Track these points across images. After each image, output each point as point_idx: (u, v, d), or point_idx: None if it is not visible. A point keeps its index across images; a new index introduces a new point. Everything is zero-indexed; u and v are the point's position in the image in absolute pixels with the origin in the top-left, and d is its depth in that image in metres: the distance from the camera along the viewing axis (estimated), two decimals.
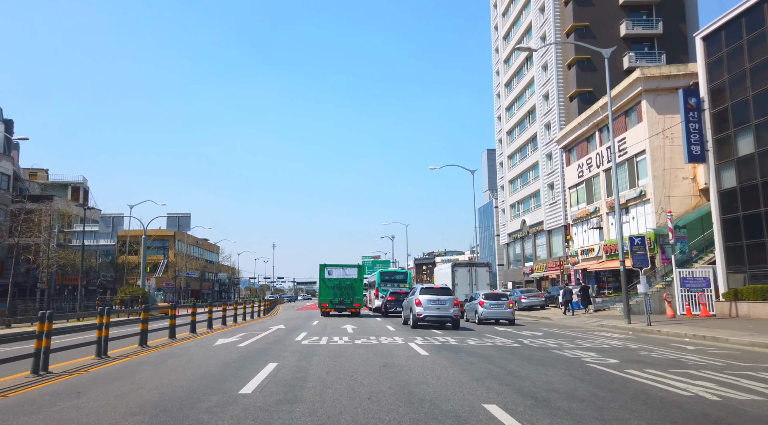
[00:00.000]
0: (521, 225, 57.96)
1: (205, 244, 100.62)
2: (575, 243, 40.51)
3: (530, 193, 55.78)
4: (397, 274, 38.57)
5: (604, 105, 34.61)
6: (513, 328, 22.20)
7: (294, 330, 20.11)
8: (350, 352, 12.27)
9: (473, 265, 30.90)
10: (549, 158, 51.11)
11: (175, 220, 37.98)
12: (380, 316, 33.57)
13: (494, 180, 74.36)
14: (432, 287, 22.07)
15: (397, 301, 31.20)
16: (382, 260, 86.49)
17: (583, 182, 38.93)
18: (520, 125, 59.02)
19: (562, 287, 34.89)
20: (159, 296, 78.95)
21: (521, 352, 12.74)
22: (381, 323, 25.29)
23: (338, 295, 31.74)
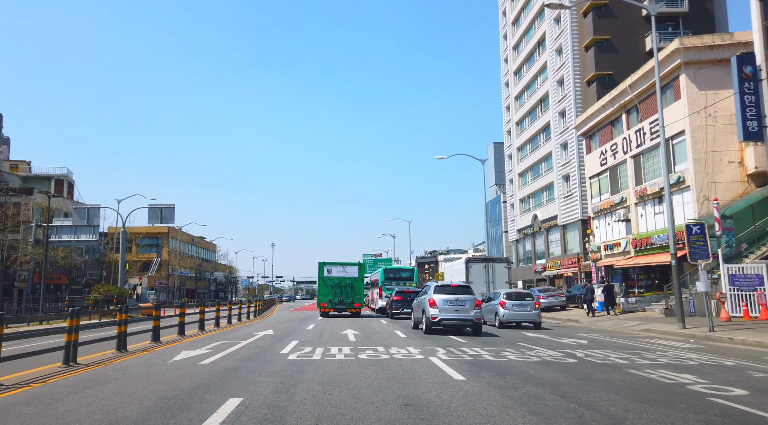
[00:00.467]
0: (532, 220, 54.37)
1: (201, 242, 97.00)
2: (597, 238, 36.93)
3: (542, 186, 52.18)
4: (402, 271, 34.99)
5: (634, 83, 31.04)
6: (544, 333, 18.60)
7: (284, 336, 16.51)
8: (353, 375, 8.68)
9: (490, 261, 27.31)
10: (564, 148, 47.51)
11: (158, 212, 34.26)
12: (384, 317, 30.06)
13: (502, 174, 70.74)
14: (449, 285, 18.47)
15: (404, 301, 27.68)
16: (383, 258, 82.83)
17: (606, 171, 35.34)
18: (530, 114, 55.42)
19: (585, 286, 31.34)
20: (151, 295, 75.39)
21: (589, 373, 9.15)
22: (387, 326, 21.70)
23: (338, 295, 30.08)
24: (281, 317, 31.85)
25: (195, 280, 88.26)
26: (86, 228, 41.84)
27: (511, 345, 14.00)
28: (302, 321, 26.64)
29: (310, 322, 24.91)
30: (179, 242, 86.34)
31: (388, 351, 12.12)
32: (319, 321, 26.41)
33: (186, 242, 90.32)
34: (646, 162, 30.85)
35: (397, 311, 27.73)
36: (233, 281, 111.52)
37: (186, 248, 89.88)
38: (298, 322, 25.08)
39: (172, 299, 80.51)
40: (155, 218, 34.07)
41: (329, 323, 24.24)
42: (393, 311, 27.82)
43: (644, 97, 30.62)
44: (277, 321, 26.16)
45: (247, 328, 20.87)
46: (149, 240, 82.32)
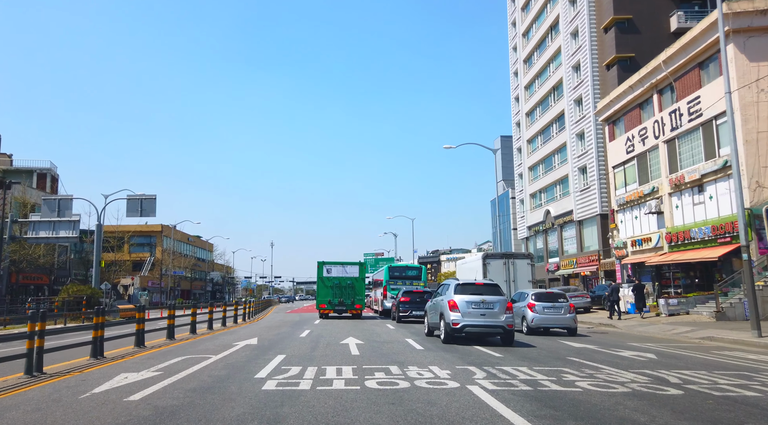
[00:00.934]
0: (544, 216, 50.95)
1: (198, 241, 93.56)
2: (622, 233, 33.51)
3: (555, 179, 48.76)
4: (409, 269, 31.56)
5: (669, 58, 27.62)
6: (589, 343, 15.18)
7: (268, 348, 13.07)
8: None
9: (511, 257, 23.85)
10: (580, 138, 44.11)
11: (137, 204, 30.70)
12: (389, 321, 26.73)
13: (510, 169, 67.37)
14: (473, 284, 15.00)
15: (412, 303, 24.32)
16: (385, 257, 79.42)
17: (634, 159, 31.90)
18: (542, 103, 52.01)
19: (609, 285, 27.94)
20: (143, 296, 71.99)
21: (734, 419, 5.74)
22: (396, 333, 18.29)
23: (338, 295, 28.58)
24: (274, 320, 28.45)
25: (190, 280, 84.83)
26: (65, 224, 38.39)
27: (564, 362, 10.59)
28: (297, 325, 23.22)
29: (305, 327, 21.48)
30: (174, 241, 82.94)
31: (405, 374, 8.70)
32: (317, 325, 23.01)
33: (181, 241, 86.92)
34: (683, 146, 27.42)
35: (405, 313, 24.34)
36: (230, 281, 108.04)
37: (181, 248, 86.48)
38: (292, 327, 21.64)
39: (166, 300, 77.16)
40: (134, 210, 30.57)
41: (327, 328, 20.82)
42: (400, 314, 24.42)
43: (681, 73, 27.20)
44: (268, 326, 22.74)
45: (227, 336, 17.43)
46: (142, 239, 78.98)
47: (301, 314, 36.18)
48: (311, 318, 29.33)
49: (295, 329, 20.23)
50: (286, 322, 26.10)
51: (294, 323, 25.00)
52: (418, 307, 24.27)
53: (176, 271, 72.42)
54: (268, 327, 21.62)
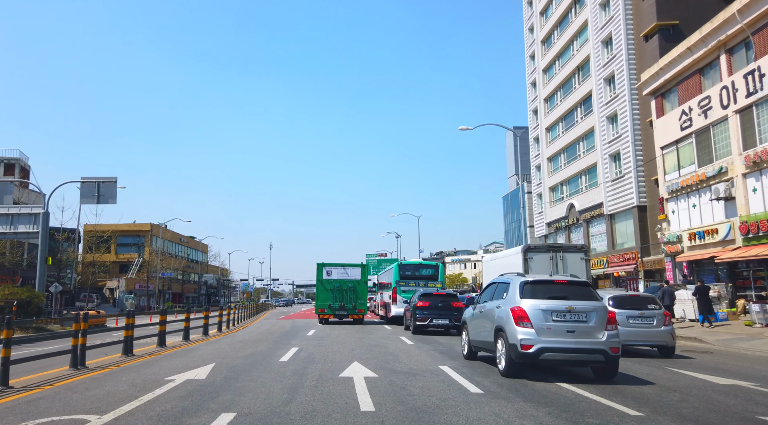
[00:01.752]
0: (567, 211, 45.49)
1: (191, 242, 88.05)
2: (674, 225, 28.04)
3: (581, 169, 43.32)
4: (423, 267, 26.06)
5: (746, 6, 22.21)
6: (724, 374, 9.73)
7: (216, 392, 7.54)
8: None
9: (559, 249, 18.34)
10: (611, 121, 38.69)
11: (93, 188, 25.06)
12: (400, 330, 21.33)
13: (523, 163, 62.13)
14: (550, 281, 9.31)
15: (434, 309, 18.90)
16: (388, 258, 73.85)
17: (691, 136, 26.46)
18: (564, 86, 46.62)
19: (660, 288, 22.50)
20: (129, 300, 66.49)
21: None
22: (419, 353, 12.80)
23: (338, 299, 26.34)
24: (259, 329, 22.99)
25: (181, 283, 79.23)
26: (25, 217, 32.98)
27: None
28: (283, 337, 17.72)
29: (292, 342, 15.97)
30: (164, 241, 77.45)
31: None
32: (309, 337, 17.53)
33: (172, 241, 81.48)
34: (763, 115, 22.00)
35: (423, 322, 18.85)
36: (226, 283, 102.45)
37: (173, 248, 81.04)
38: (275, 341, 16.10)
39: (155, 304, 71.65)
40: (90, 195, 25.03)
41: (322, 343, 15.33)
42: (417, 322, 18.92)
43: (763, 23, 21.81)
44: (245, 339, 17.23)
45: (176, 358, 11.88)
46: (129, 239, 73.60)
47: (295, 321, 30.70)
48: (305, 327, 23.89)
49: (278, 345, 14.72)
50: (272, 332, 20.63)
51: (281, 334, 19.52)
52: (440, 314, 18.85)
53: (165, 273, 66.76)
54: (243, 342, 16.09)
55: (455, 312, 18.93)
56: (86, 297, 63.10)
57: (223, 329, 23.66)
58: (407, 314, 21.19)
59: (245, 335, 19.75)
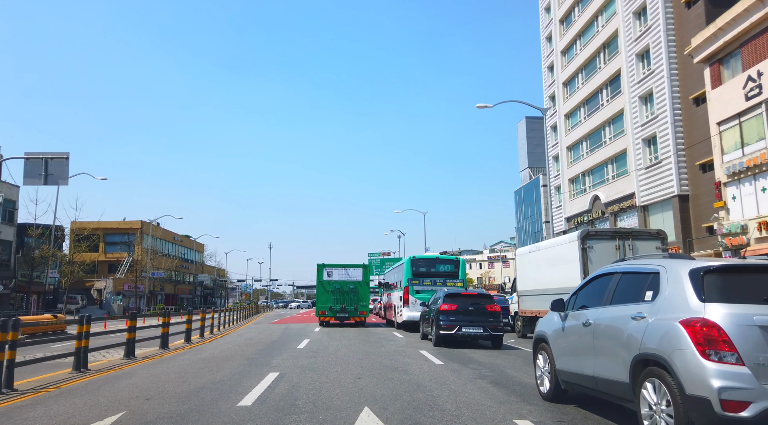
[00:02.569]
0: (590, 204, 40.98)
1: (186, 241, 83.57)
2: (735, 213, 23.54)
3: (606, 158, 38.83)
4: (441, 263, 21.44)
5: None
6: None
7: None
8: None
9: (628, 235, 13.75)
10: (645, 101, 34.22)
11: (39, 166, 20.14)
12: (414, 336, 16.86)
13: (537, 155, 57.97)
14: (758, 267, 4.66)
15: (463, 314, 14.34)
16: (392, 257, 69.39)
17: (760, 106, 21.96)
18: (586, 67, 42.14)
19: None
20: (117, 302, 61.99)
21: None
22: (460, 384, 8.16)
23: (339, 301, 25.50)
24: (240, 338, 18.42)
25: (174, 283, 74.67)
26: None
27: None
28: (264, 354, 13.15)
29: (272, 362, 11.37)
30: (156, 239, 72.96)
31: None
32: (299, 352, 13.00)
33: (166, 240, 77.02)
34: None
35: (450, 331, 14.25)
36: (223, 284, 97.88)
37: (166, 248, 76.56)
38: (249, 361, 11.41)
39: (147, 306, 67.15)
40: (35, 175, 20.23)
41: (315, 365, 10.73)
42: (442, 331, 14.30)
43: None
44: (208, 358, 12.59)
45: (86, 396, 7.35)
46: (118, 237, 69.06)
47: (288, 326, 26.14)
48: (297, 335, 19.37)
49: (250, 368, 10.13)
50: (254, 342, 16.09)
51: (264, 346, 14.95)
52: (471, 321, 14.30)
53: (155, 273, 62.22)
54: (206, 361, 11.45)
55: (490, 318, 14.42)
56: (69, 299, 58.86)
57: (206, 334, 19.74)
58: (427, 320, 16.67)
59: (220, 346, 15.22)
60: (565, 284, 14.65)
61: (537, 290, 16.81)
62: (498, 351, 13.57)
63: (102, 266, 68.68)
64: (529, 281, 17.60)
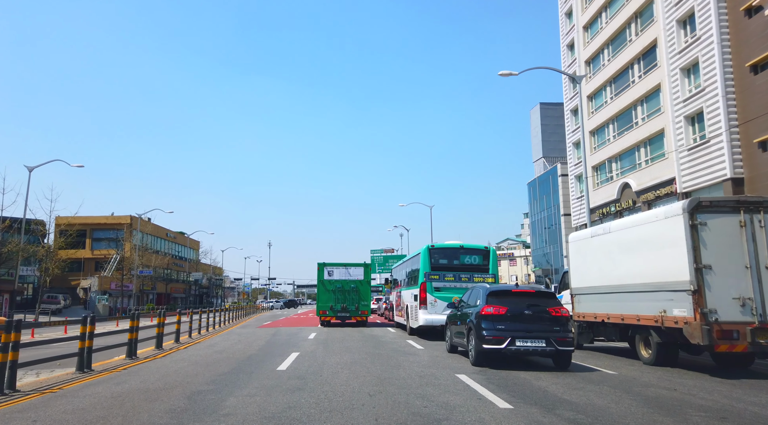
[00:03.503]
0: (619, 192, 36.55)
1: (180, 238, 79.06)
2: None
3: (639, 140, 34.38)
4: (467, 253, 16.78)
5: None
6: None
7: None
8: None
9: (758, 207, 9.50)
10: (689, 73, 29.78)
11: None
12: (430, 344, 12.48)
13: (552, 144, 53.60)
14: None
15: (516, 320, 9.81)
16: (396, 254, 64.93)
17: None
18: (614, 41, 37.66)
19: None
20: (103, 301, 57.50)
21: None
22: None
23: (340, 300, 24.84)
24: (215, 348, 13.93)
25: (166, 282, 70.19)
26: None
27: None
28: (223, 382, 8.60)
29: (226, 404, 6.92)
30: (149, 236, 68.57)
31: None
32: (278, 377, 8.51)
33: (158, 236, 72.57)
34: None
35: (499, 345, 9.60)
36: (219, 283, 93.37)
37: (158, 244, 72.10)
38: (187, 402, 7.00)
39: (136, 307, 62.69)
40: None
41: (299, 403, 6.33)
42: (487, 346, 9.77)
43: None
44: (146, 390, 8.17)
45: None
46: (106, 233, 64.60)
47: (278, 330, 21.67)
48: (286, 343, 14.90)
49: (183, 417, 5.73)
50: (222, 359, 11.53)
51: (230, 367, 10.39)
52: (528, 330, 9.81)
53: (143, 271, 57.76)
54: (145, 393, 7.06)
55: (556, 327, 9.95)
56: (49, 298, 54.45)
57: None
58: (453, 326, 12.22)
59: (174, 364, 10.72)
60: (658, 277, 10.23)
61: (605, 287, 12.36)
62: (573, 376, 9.12)
63: (89, 264, 64.29)
64: (590, 274, 13.13)
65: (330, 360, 11.14)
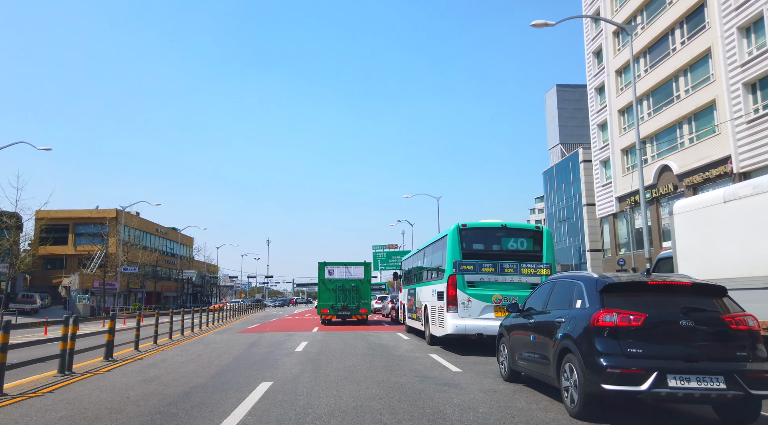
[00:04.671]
0: (656, 177, 31.91)
1: (171, 233, 74.36)
2: None
3: (681, 115, 29.73)
4: (510, 234, 11.99)
5: None
6: None
7: None
8: None
9: None
10: (748, 33, 25.19)
11: None
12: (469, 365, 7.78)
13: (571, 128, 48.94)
14: None
15: (670, 338, 5.02)
16: (399, 250, 60.18)
17: None
18: (649, 5, 33.02)
19: None
20: (84, 301, 52.84)
21: None
22: None
23: (341, 299, 24.71)
24: (164, 366, 9.34)
25: (155, 280, 65.48)
26: None
27: None
28: None
29: None
30: (137, 231, 63.94)
31: None
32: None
33: (148, 232, 67.94)
34: None
35: (637, 383, 4.89)
36: (213, 281, 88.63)
37: (148, 240, 67.46)
38: None
39: (123, 306, 58.07)
40: None
41: None
42: (612, 385, 4.92)
43: None
44: None
45: None
46: (89, 228, 59.83)
47: (261, 337, 16.99)
48: (259, 363, 10.19)
49: None
50: (135, 401, 6.87)
51: (172, 401, 5.83)
52: (693, 357, 5.10)
53: (128, 267, 53.10)
54: None
55: (740, 351, 5.28)
56: (24, 297, 49.80)
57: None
58: (517, 339, 7.53)
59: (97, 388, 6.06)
60: None
61: (753, 280, 7.72)
62: None
63: (71, 261, 59.61)
64: (720, 260, 8.47)
65: (319, 402, 6.49)
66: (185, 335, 18.52)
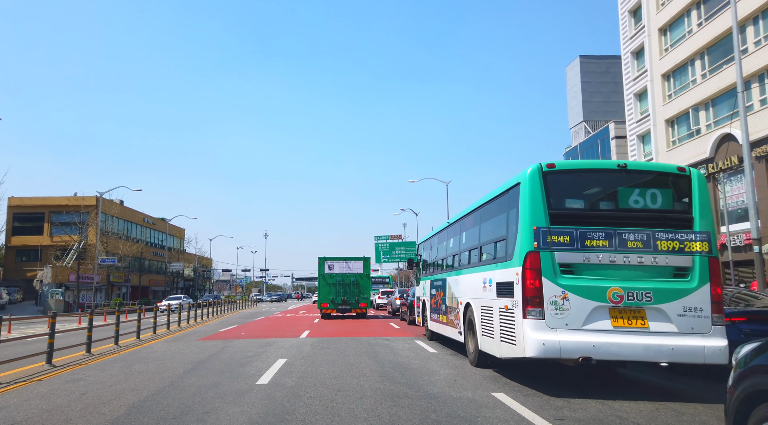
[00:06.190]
0: (713, 149, 26.69)
1: (159, 224, 68.91)
2: None
3: (746, 75, 24.46)
4: (634, 180, 6.60)
5: None
6: None
7: None
8: None
9: None
10: None
11: None
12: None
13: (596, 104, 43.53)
14: None
15: None
16: (404, 241, 54.90)
17: None
18: None
19: None
20: (57, 295, 47.57)
21: None
22: None
23: (341, 293, 25.05)
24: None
25: (139, 273, 60.11)
26: None
27: None
28: None
29: None
30: (119, 220, 58.60)
31: None
32: None
33: (133, 221, 62.60)
34: None
35: None
36: (206, 274, 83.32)
37: (133, 230, 62.15)
38: None
39: (103, 301, 52.79)
40: None
41: None
42: None
43: None
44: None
45: None
46: (66, 217, 54.31)
47: (226, 346, 11.75)
48: (193, 407, 5.03)
49: None
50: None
51: None
52: None
53: (106, 259, 47.76)
54: None
55: None
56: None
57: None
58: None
59: None
60: None
61: None
62: None
63: (47, 252, 54.26)
64: None
65: None
66: (120, 345, 13.20)
